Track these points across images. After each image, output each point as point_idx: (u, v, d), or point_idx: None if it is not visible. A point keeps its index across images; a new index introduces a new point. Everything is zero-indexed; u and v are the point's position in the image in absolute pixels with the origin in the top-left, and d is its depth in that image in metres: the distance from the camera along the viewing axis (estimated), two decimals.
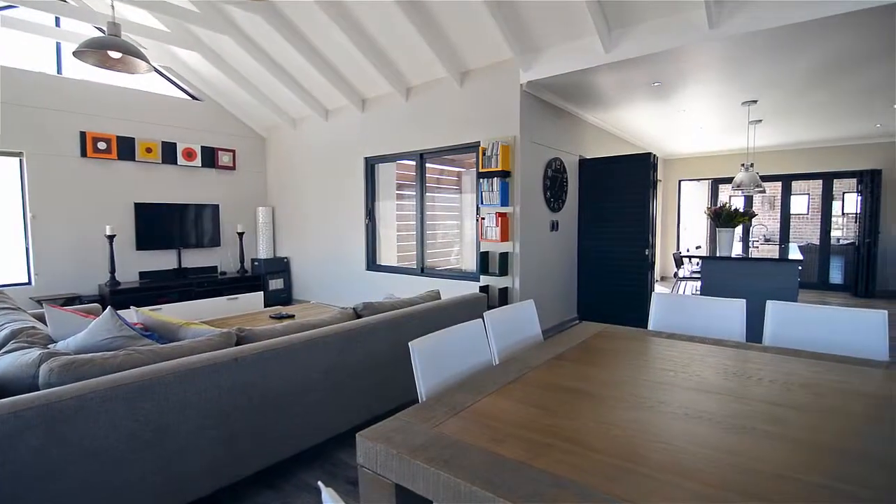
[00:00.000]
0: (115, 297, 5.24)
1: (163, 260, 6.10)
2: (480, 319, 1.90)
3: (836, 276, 8.18)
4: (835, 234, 8.41)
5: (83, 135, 5.42)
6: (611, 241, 5.25)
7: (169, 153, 6.13)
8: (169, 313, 5.51)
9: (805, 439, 1.14)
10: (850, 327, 1.95)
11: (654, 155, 5.07)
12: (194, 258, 6.42)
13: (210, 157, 6.56)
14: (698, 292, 5.73)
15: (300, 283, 6.87)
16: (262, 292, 6.43)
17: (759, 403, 1.35)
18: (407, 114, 5.24)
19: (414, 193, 5.37)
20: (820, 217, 8.37)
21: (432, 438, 1.16)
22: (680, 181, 9.31)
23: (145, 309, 2.69)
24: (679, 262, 7.10)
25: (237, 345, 2.21)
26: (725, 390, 1.46)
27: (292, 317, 3.86)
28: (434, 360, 1.61)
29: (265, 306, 6.38)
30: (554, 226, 5.05)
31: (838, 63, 3.86)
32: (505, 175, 4.38)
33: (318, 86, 5.60)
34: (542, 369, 1.69)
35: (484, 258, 4.56)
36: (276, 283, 6.79)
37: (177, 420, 1.83)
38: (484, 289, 4.50)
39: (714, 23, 3.20)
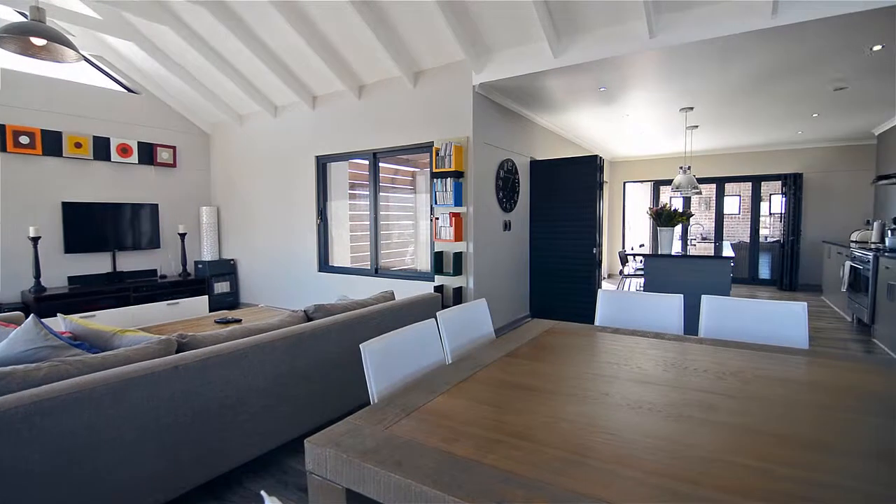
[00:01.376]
0: (41, 304, 4.84)
1: (95, 263, 5.68)
2: (433, 319, 1.91)
3: (764, 271, 8.84)
4: (763, 232, 9.09)
5: (2, 128, 4.96)
6: (561, 241, 5.41)
7: (101, 149, 5.72)
8: (102, 321, 5.17)
9: (735, 424, 1.22)
10: (776, 319, 2.11)
11: (601, 157, 5.27)
12: (131, 261, 6.03)
13: (148, 154, 6.19)
14: (642, 288, 6.01)
15: (248, 285, 6.61)
16: (206, 296, 6.16)
17: (694, 392, 1.43)
18: (360, 112, 5.17)
19: (367, 193, 5.30)
20: (750, 217, 9.00)
21: (383, 440, 1.15)
22: (625, 183, 9.73)
23: (75, 316, 2.50)
24: (624, 260, 7.42)
25: (178, 352, 2.10)
26: (665, 381, 1.54)
27: (239, 321, 3.71)
28: (386, 361, 1.59)
29: (210, 311, 6.11)
30: (506, 226, 5.14)
31: (764, 74, 4.16)
32: (458, 175, 4.41)
33: (267, 82, 5.42)
34: (493, 367, 1.71)
35: (438, 258, 4.57)
36: (221, 287, 6.50)
37: (112, 434, 1.71)
38: (439, 289, 4.51)
39: (654, 33, 3.37)
